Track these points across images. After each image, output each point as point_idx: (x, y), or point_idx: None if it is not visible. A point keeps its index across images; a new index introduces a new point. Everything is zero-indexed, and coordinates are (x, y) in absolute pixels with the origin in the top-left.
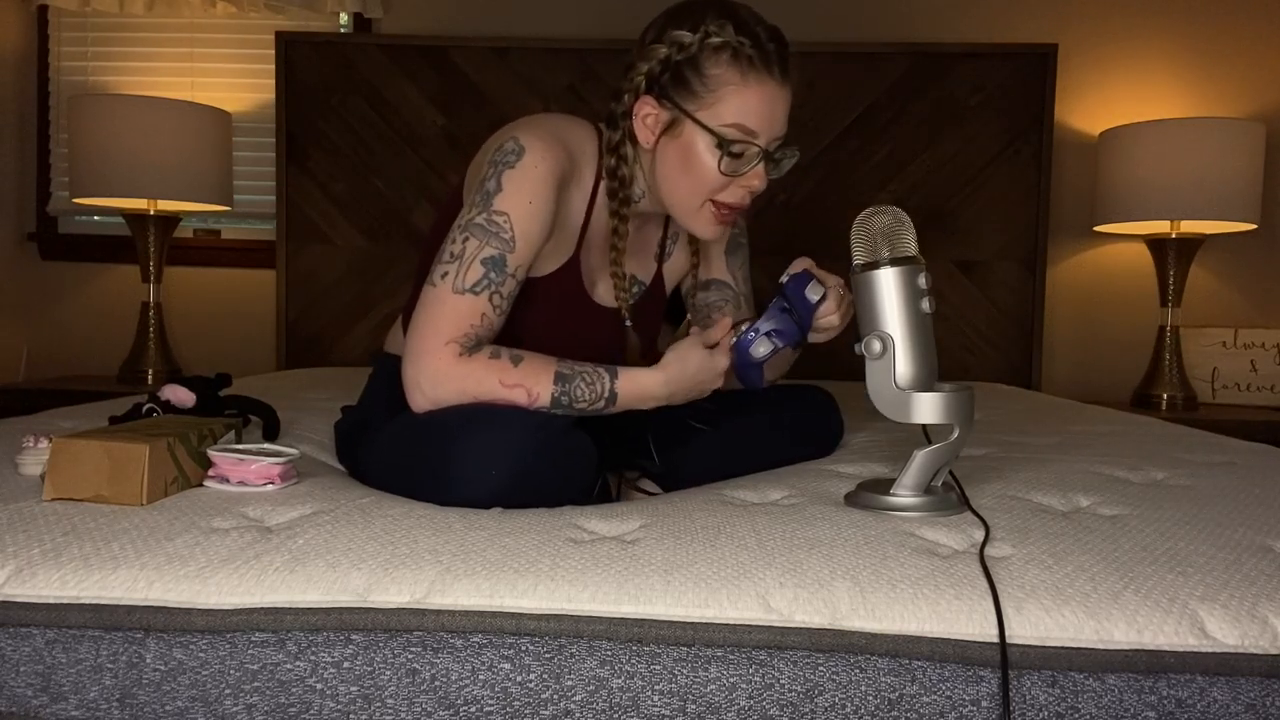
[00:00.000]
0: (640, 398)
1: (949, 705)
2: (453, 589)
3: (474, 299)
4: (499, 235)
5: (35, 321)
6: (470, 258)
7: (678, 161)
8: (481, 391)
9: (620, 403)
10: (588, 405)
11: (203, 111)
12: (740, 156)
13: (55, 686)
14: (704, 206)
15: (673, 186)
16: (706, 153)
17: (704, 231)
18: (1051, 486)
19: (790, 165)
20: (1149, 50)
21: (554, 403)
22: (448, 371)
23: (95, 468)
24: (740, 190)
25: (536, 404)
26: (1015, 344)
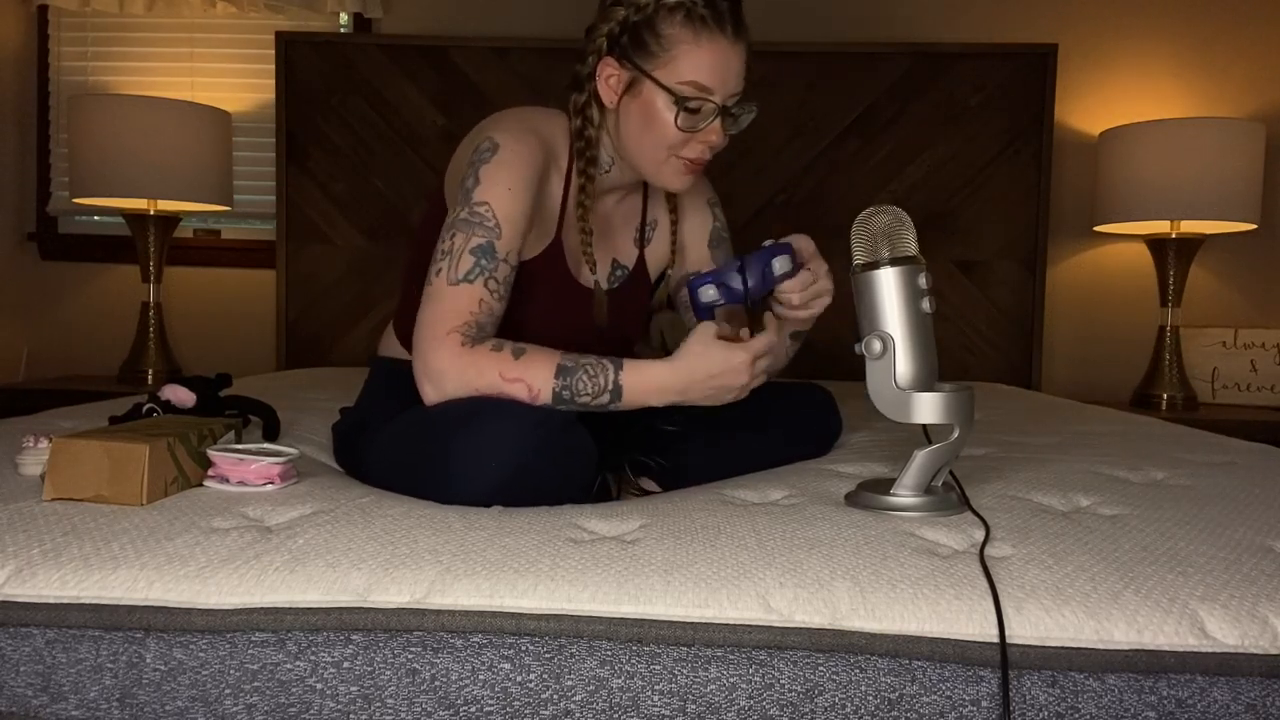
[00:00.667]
0: (648, 391)
1: (949, 705)
2: (453, 589)
3: (469, 287)
4: (483, 224)
5: (35, 321)
6: (459, 250)
7: (639, 119)
8: (483, 384)
9: (627, 397)
10: (591, 399)
11: (203, 111)
12: (697, 112)
13: (55, 686)
14: (668, 161)
15: (636, 144)
16: (665, 110)
17: (672, 183)
18: (1052, 486)
19: (749, 121)
20: (1149, 50)
21: (555, 398)
22: (452, 362)
23: (95, 468)
24: (700, 145)
25: (538, 400)
26: (1015, 344)
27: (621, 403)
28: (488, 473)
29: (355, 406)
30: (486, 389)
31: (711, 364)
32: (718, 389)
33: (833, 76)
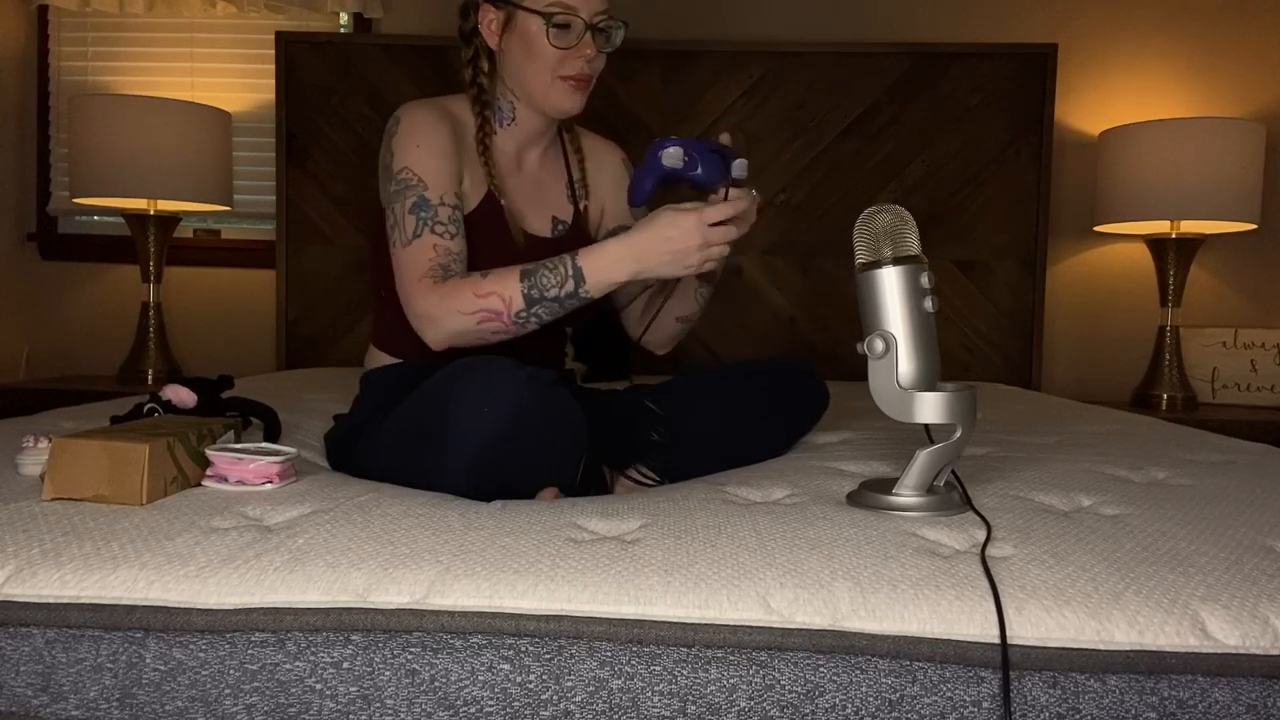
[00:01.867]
0: (608, 266)
1: (950, 706)
2: (452, 589)
3: (419, 241)
4: (409, 186)
5: (35, 321)
6: (401, 216)
7: (520, 50)
8: (463, 305)
9: (590, 277)
10: (559, 290)
11: (203, 111)
12: (567, 27)
13: (55, 686)
14: (554, 83)
15: (522, 74)
16: (539, 34)
17: (563, 103)
18: (1053, 486)
19: (620, 37)
20: (1149, 50)
21: (526, 299)
22: (432, 302)
23: (95, 467)
24: (578, 61)
25: (512, 306)
26: (1015, 344)
27: (587, 284)
28: (484, 421)
29: (348, 414)
30: (468, 309)
31: (661, 227)
32: (673, 253)
33: (833, 76)
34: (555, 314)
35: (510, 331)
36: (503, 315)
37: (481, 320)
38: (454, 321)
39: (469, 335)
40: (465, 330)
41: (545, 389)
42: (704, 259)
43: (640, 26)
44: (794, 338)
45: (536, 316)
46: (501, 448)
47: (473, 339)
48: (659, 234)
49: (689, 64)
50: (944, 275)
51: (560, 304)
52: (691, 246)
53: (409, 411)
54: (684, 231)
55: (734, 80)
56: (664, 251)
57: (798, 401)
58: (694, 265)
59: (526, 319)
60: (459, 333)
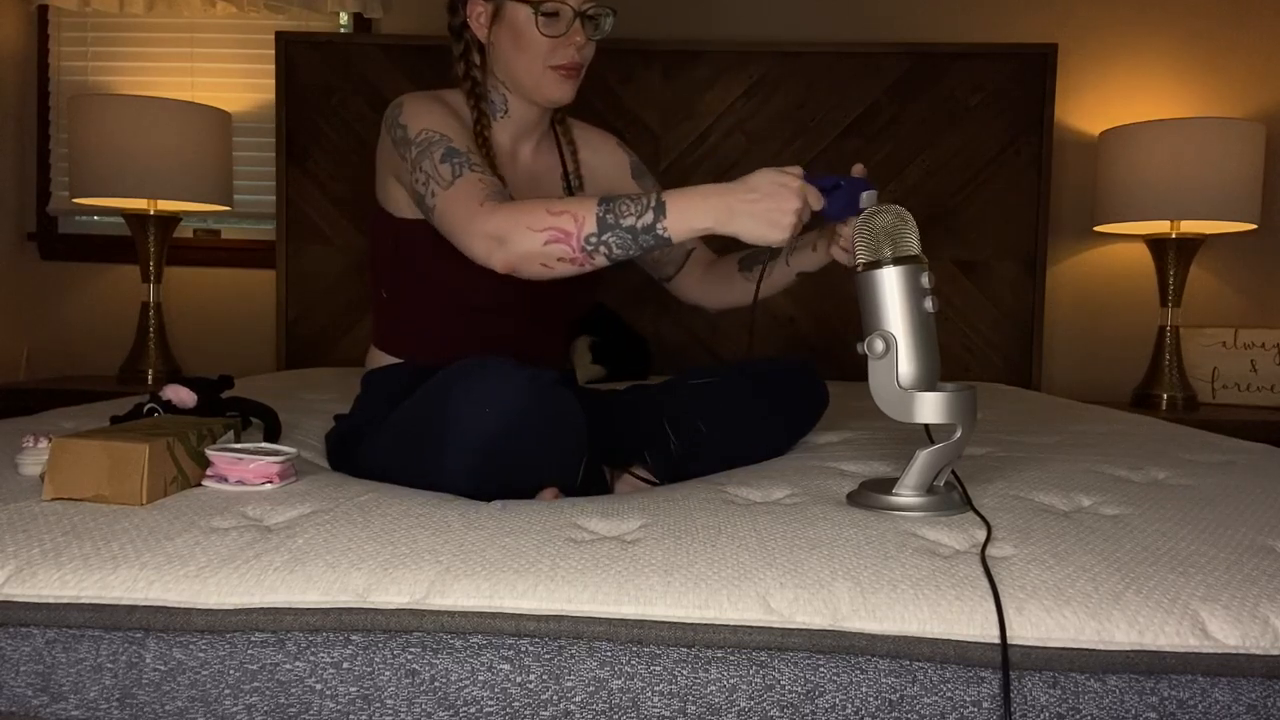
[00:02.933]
0: (694, 206)
1: (950, 706)
2: (452, 589)
3: (463, 179)
4: (433, 141)
5: (35, 321)
6: (433, 168)
7: (510, 41)
8: (534, 221)
9: (672, 213)
10: (636, 220)
11: (203, 111)
12: (555, 16)
13: (55, 686)
14: (545, 73)
15: (512, 65)
16: (529, 25)
17: (555, 92)
18: (1053, 486)
19: (610, 24)
20: (1149, 50)
21: (600, 224)
22: (502, 216)
23: (95, 467)
24: (568, 50)
25: (584, 230)
26: (1015, 344)
27: (667, 220)
28: (485, 420)
29: (349, 414)
30: (539, 225)
31: (759, 179)
32: (766, 211)
33: (833, 76)
34: (627, 249)
35: (577, 260)
36: (572, 237)
37: (550, 240)
38: (523, 240)
39: (534, 258)
40: (532, 251)
41: (546, 389)
42: (798, 221)
43: (640, 26)
44: (794, 338)
45: (607, 246)
46: (502, 447)
47: (537, 265)
48: (755, 184)
49: (689, 64)
50: (944, 275)
51: (634, 237)
52: (787, 209)
53: (410, 411)
54: (787, 193)
55: (734, 80)
56: (758, 209)
57: (798, 401)
58: (785, 233)
59: (596, 246)
60: (526, 254)
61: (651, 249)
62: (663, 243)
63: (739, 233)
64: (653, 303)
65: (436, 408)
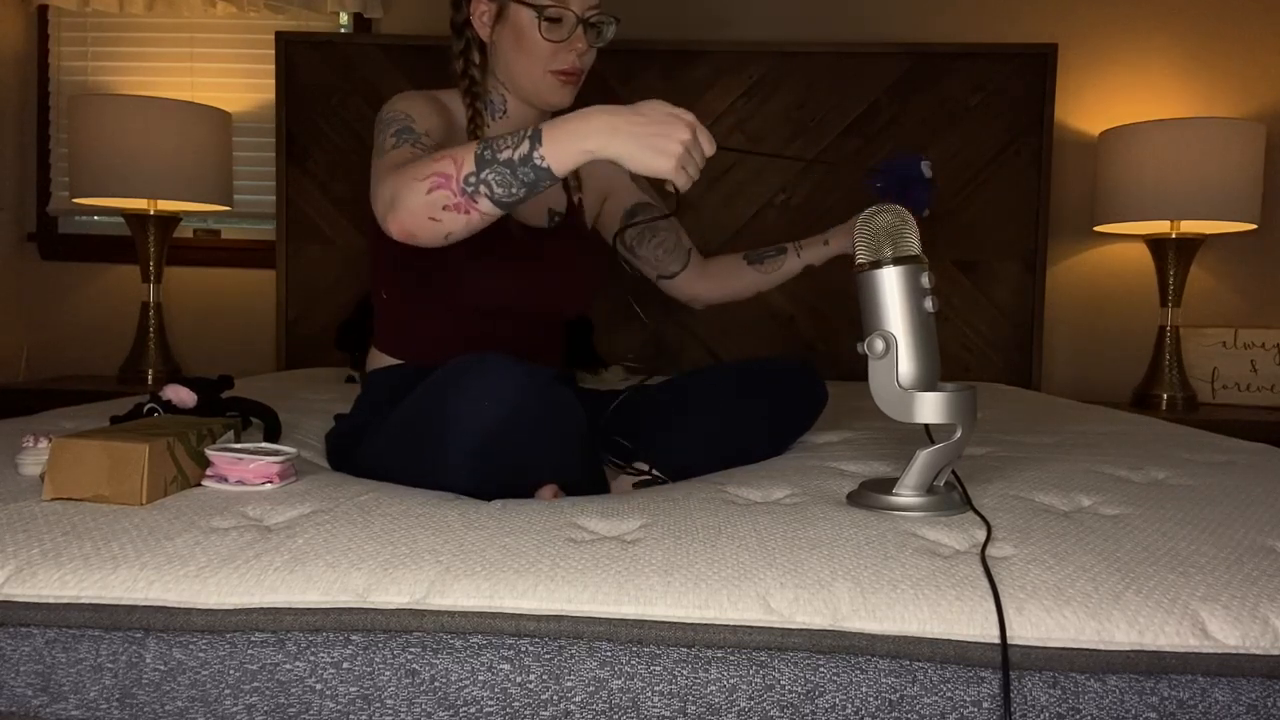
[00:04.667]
0: (572, 126)
1: (950, 706)
2: (452, 589)
3: (395, 152)
4: (395, 119)
5: (35, 321)
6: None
7: (512, 42)
8: (417, 171)
9: (548, 137)
10: (513, 151)
11: (203, 111)
12: (558, 21)
13: (55, 686)
14: (544, 76)
15: (514, 67)
16: (531, 27)
17: (554, 97)
18: (1053, 486)
19: (612, 33)
20: (1149, 50)
21: (478, 161)
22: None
23: (95, 467)
24: (569, 55)
25: (462, 167)
26: (1015, 344)
27: (543, 148)
28: (484, 416)
29: (349, 414)
30: (421, 174)
31: (648, 106)
32: (651, 136)
33: (833, 76)
34: (508, 187)
35: (461, 206)
36: (452, 180)
37: (432, 186)
38: (409, 194)
39: (421, 212)
40: (418, 204)
41: (545, 385)
42: (681, 160)
43: (640, 26)
44: (794, 338)
45: (487, 185)
46: (502, 442)
47: (425, 220)
48: (646, 115)
49: (689, 64)
50: (944, 275)
51: (513, 171)
52: (674, 138)
53: (409, 408)
54: (677, 123)
55: (734, 80)
56: (643, 132)
57: (797, 400)
58: (670, 161)
59: (476, 186)
60: (414, 209)
61: (535, 185)
62: (544, 175)
63: (622, 156)
64: (652, 303)
65: (436, 404)
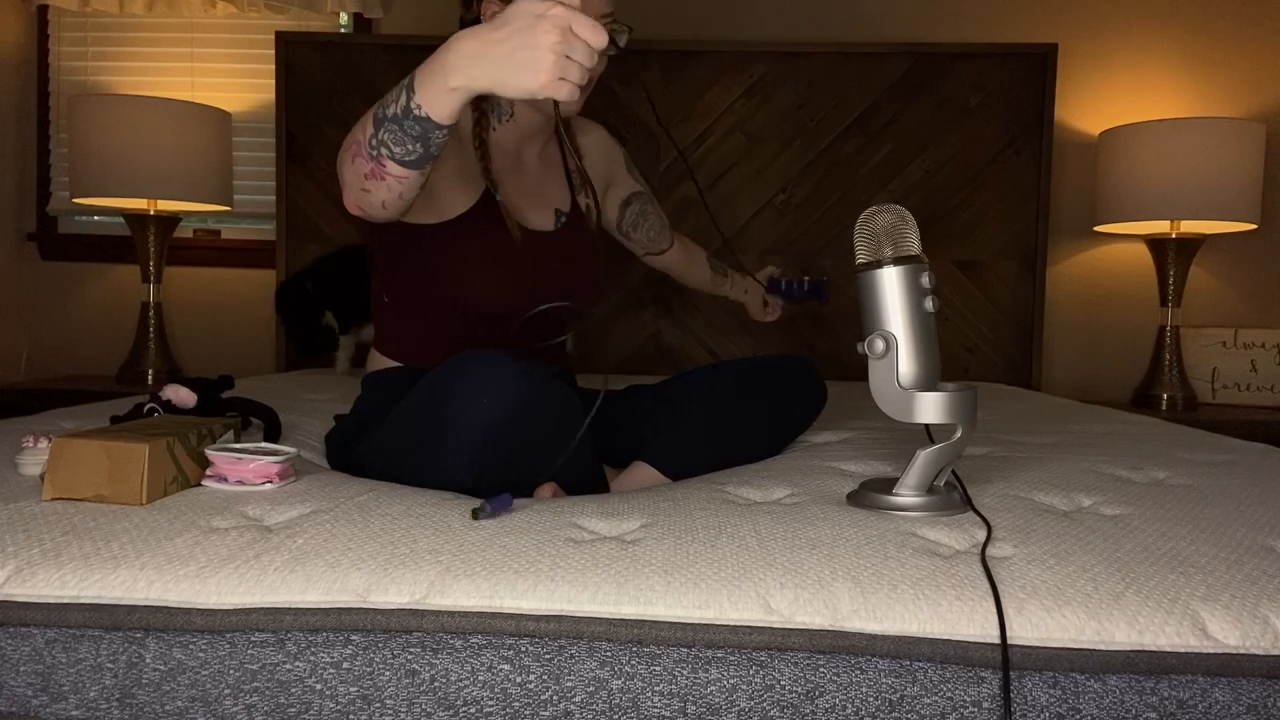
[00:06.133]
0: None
1: (950, 706)
2: (452, 589)
3: None
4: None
5: (35, 321)
6: None
7: None
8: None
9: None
10: (395, 105)
11: (203, 111)
12: None
13: (55, 686)
14: None
15: None
16: None
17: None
18: (1053, 486)
19: (625, 39)
20: (1149, 50)
21: (374, 119)
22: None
23: (95, 467)
24: None
25: (366, 128)
26: (1015, 344)
27: (417, 95)
28: (484, 411)
29: (349, 414)
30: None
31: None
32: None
33: (833, 76)
34: (403, 144)
35: (375, 173)
36: (363, 145)
37: (353, 155)
38: (344, 169)
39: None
40: (351, 177)
41: (544, 382)
42: (556, 70)
43: (640, 26)
44: (794, 338)
45: (386, 147)
46: (502, 436)
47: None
48: (507, 23)
49: (689, 64)
50: (944, 275)
51: (401, 127)
52: (542, 45)
53: (410, 405)
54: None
55: (734, 80)
56: (504, 51)
57: (797, 398)
58: (542, 75)
59: (378, 149)
60: (350, 183)
61: (426, 138)
62: (429, 126)
63: (493, 87)
64: (652, 304)
65: (435, 401)
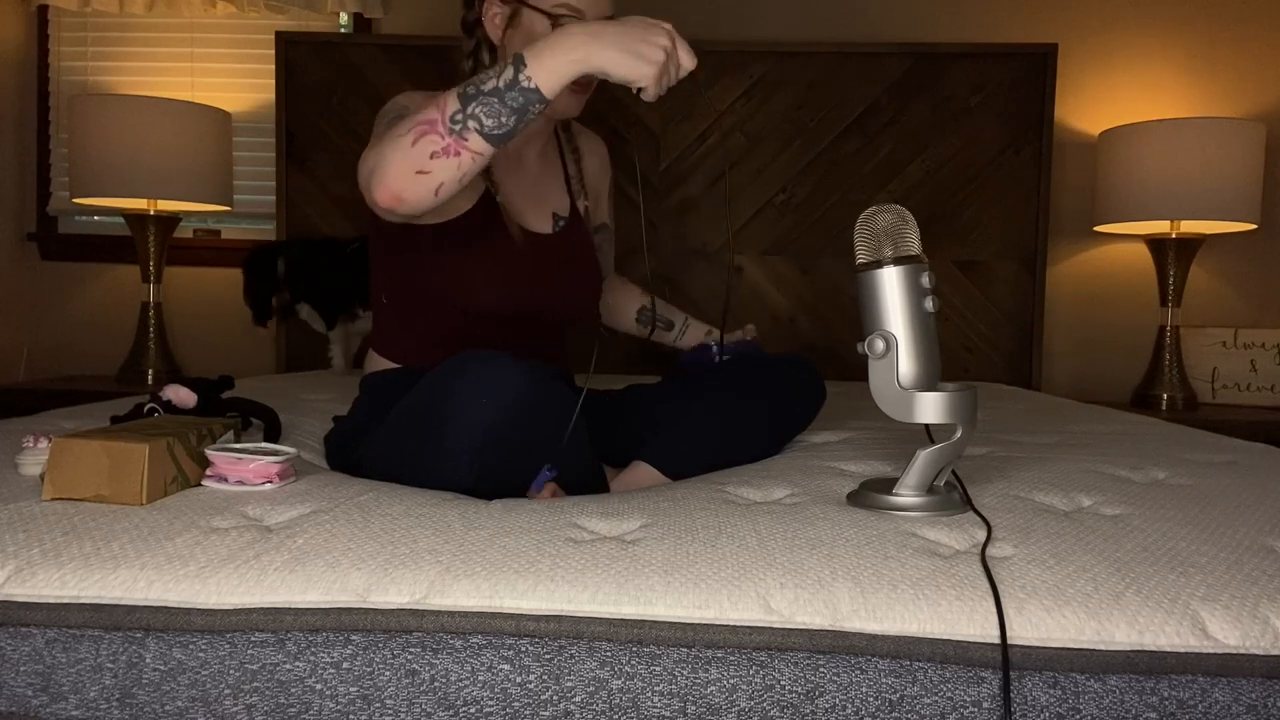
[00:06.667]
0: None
1: (950, 706)
2: (452, 589)
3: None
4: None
5: (35, 321)
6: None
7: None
8: (400, 129)
9: (531, 60)
10: (497, 80)
11: (203, 111)
12: None
13: (55, 686)
14: None
15: None
16: (544, 33)
17: (564, 105)
18: (1053, 486)
19: None
20: (1149, 50)
21: (462, 98)
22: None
23: (95, 467)
24: None
25: (446, 109)
26: (1015, 344)
27: (527, 68)
28: (485, 411)
29: (348, 415)
30: (404, 130)
31: (628, 17)
32: (633, 39)
33: (833, 76)
34: (498, 116)
35: (450, 148)
36: (438, 123)
37: (417, 136)
38: (393, 152)
39: (408, 167)
40: (403, 161)
41: (544, 381)
42: (661, 62)
43: None
44: (794, 338)
45: (476, 120)
46: (502, 437)
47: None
48: (626, 22)
49: None
50: (944, 275)
51: (500, 99)
52: (655, 42)
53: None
54: (657, 30)
55: (734, 80)
56: (626, 40)
57: (796, 398)
58: (652, 68)
59: (464, 122)
60: (400, 167)
61: (524, 110)
62: (532, 97)
63: (605, 65)
64: None
65: (435, 401)
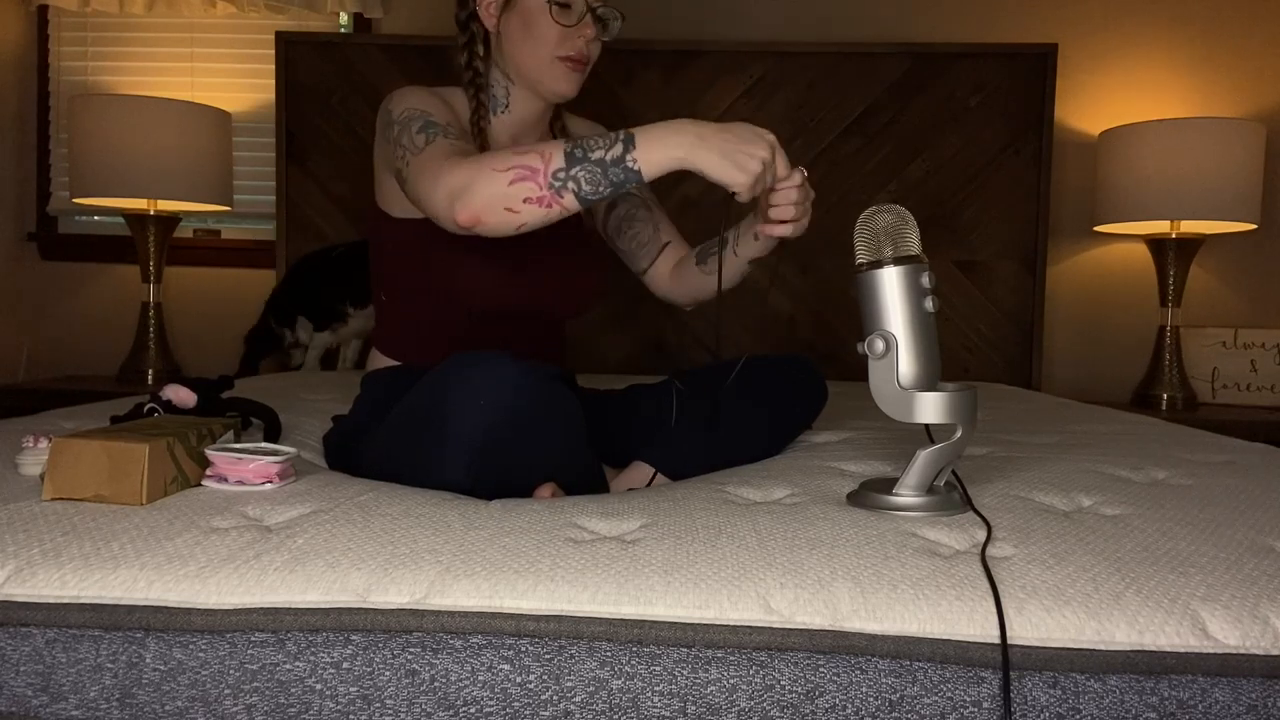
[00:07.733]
0: (662, 137)
1: (950, 706)
2: (452, 589)
3: (434, 145)
4: (413, 117)
5: (35, 321)
6: (410, 140)
7: (520, 29)
8: (498, 162)
9: (641, 143)
10: (605, 152)
11: (203, 111)
12: (568, 7)
13: (55, 686)
14: (552, 64)
15: (521, 53)
16: (539, 12)
17: (560, 85)
18: (1054, 486)
19: (618, 28)
20: (1149, 50)
21: (568, 158)
22: (467, 167)
23: (95, 467)
24: (578, 41)
25: (550, 165)
26: (1015, 344)
27: (636, 151)
28: (485, 411)
29: (348, 414)
30: (503, 165)
31: (734, 124)
32: (735, 148)
33: (833, 76)
34: (597, 184)
35: (545, 200)
36: (539, 174)
37: (515, 179)
38: (487, 183)
39: (498, 201)
40: (495, 194)
41: (544, 381)
42: (758, 173)
43: (640, 26)
44: (794, 338)
45: (575, 182)
46: (502, 437)
47: (501, 210)
48: (731, 129)
49: (689, 64)
50: (944, 275)
51: (604, 171)
52: (755, 154)
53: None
54: (759, 140)
55: (734, 80)
56: (729, 147)
57: (796, 398)
58: (748, 177)
59: (565, 182)
60: (490, 198)
61: (622, 185)
62: (632, 176)
63: (705, 167)
64: (651, 302)
65: (435, 401)
